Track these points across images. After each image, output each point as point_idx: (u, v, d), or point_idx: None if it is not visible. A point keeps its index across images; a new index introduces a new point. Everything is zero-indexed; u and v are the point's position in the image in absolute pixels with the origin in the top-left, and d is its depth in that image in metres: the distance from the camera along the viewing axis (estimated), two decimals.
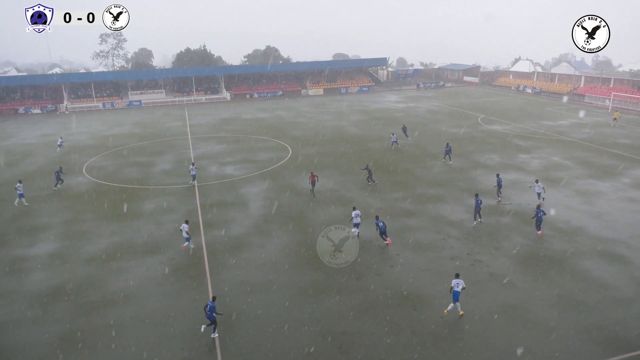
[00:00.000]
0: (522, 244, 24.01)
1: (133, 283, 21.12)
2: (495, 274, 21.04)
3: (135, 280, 21.40)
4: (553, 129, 52.82)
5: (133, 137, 54.50)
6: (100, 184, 36.22)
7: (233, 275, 21.65)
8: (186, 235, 24.04)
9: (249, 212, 29.55)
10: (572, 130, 52.41)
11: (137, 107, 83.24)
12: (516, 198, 30.45)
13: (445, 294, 19.20)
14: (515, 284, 20.20)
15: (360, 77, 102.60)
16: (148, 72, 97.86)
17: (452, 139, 46.82)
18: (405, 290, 20.00)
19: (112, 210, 30.26)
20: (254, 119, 65.08)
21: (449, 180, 34.53)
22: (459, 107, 71.53)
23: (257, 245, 24.69)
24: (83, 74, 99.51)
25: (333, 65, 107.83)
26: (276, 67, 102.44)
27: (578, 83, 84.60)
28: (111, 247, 24.81)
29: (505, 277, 20.74)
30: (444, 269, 21.67)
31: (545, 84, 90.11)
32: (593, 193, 31.30)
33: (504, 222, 26.85)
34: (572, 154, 41.67)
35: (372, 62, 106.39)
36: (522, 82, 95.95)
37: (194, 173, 34.79)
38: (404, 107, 74.15)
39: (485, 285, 20.23)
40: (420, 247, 23.91)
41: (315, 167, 38.55)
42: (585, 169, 36.76)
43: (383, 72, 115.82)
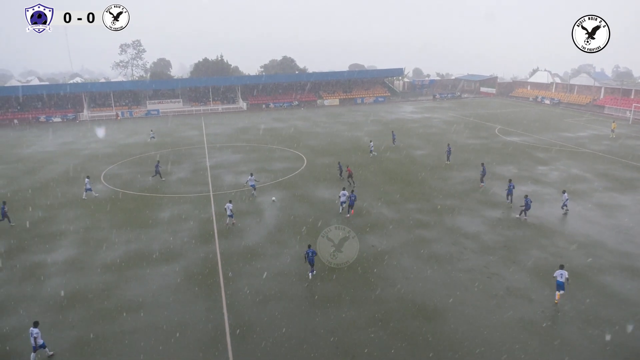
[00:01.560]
0: (540, 257, 23.62)
1: (148, 291, 21.27)
2: (512, 288, 20.72)
3: (151, 288, 21.54)
4: (572, 141, 52.12)
5: (150, 145, 55.21)
6: (118, 191, 36.69)
7: (247, 284, 21.66)
8: (230, 213, 28.24)
9: (263, 221, 29.63)
10: (592, 142, 51.64)
11: (155, 115, 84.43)
12: (534, 210, 30.01)
13: (462, 307, 18.98)
14: (534, 299, 19.84)
15: (376, 88, 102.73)
16: (166, 82, 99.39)
17: (469, 150, 46.49)
18: (420, 302, 19.78)
19: (129, 218, 30.59)
20: (269, 129, 65.48)
21: (465, 192, 34.23)
22: (476, 118, 71.08)
23: (272, 254, 24.71)
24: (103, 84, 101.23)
25: (349, 75, 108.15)
26: (292, 78, 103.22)
27: (598, 94, 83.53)
28: (127, 255, 25.05)
29: (523, 291, 20.41)
30: (460, 281, 21.41)
31: (564, 95, 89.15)
32: (614, 206, 30.73)
33: (521, 234, 26.47)
34: (592, 166, 41.03)
35: (388, 73, 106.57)
36: (540, 93, 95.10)
37: (253, 184, 34.42)
38: (420, 117, 73.94)
39: (503, 299, 19.92)
40: (436, 259, 23.68)
41: (331, 178, 38.58)
42: (605, 182, 36.14)
43: (399, 82, 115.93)
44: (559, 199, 31.72)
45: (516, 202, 31.14)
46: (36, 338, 16.56)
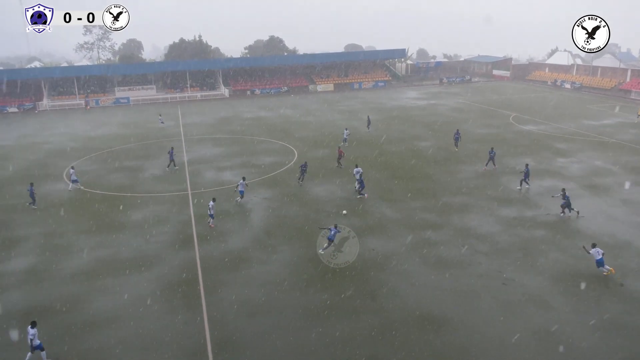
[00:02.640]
0: (560, 260, 23.79)
1: (119, 303, 21.19)
2: (529, 294, 20.85)
3: (122, 299, 21.47)
4: (595, 130, 52.44)
5: (120, 138, 54.94)
6: (83, 191, 36.51)
7: (231, 294, 21.66)
8: (210, 213, 28.45)
9: (250, 223, 29.61)
10: (618, 130, 51.99)
11: (124, 104, 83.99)
12: (554, 208, 30.20)
13: (473, 316, 19.16)
14: (553, 306, 19.99)
15: (375, 71, 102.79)
16: (137, 66, 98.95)
17: (480, 141, 46.66)
18: (426, 312, 19.87)
19: (96, 221, 30.45)
20: (255, 118, 65.37)
21: (476, 188, 34.38)
22: (488, 105, 71.31)
23: (259, 261, 24.71)
24: (65, 68, 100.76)
25: (345, 57, 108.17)
26: (281, 60, 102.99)
27: (623, 77, 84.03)
28: (95, 263, 24.94)
29: (541, 298, 20.56)
30: (471, 288, 21.52)
31: (586, 79, 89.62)
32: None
33: (539, 235, 26.64)
34: (618, 158, 41.31)
35: (389, 54, 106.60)
36: (560, 76, 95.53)
37: (242, 190, 32.53)
38: (425, 104, 74.08)
39: (519, 307, 20.05)
40: (444, 264, 23.78)
41: (325, 173, 38.62)
42: (632, 175, 36.40)
43: (401, 65, 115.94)
44: (579, 194, 31.99)
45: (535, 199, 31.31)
46: (32, 339, 17.15)
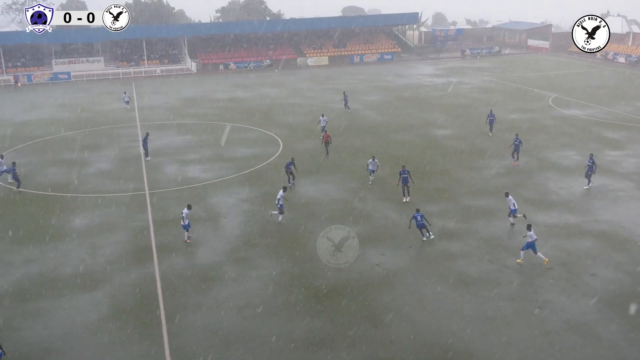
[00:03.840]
0: (611, 279, 23.94)
1: (58, 331, 21.09)
2: (572, 322, 20.97)
3: (61, 327, 21.36)
4: None
5: (58, 124, 54.62)
6: (11, 190, 36.33)
7: (198, 321, 21.61)
8: (184, 224, 27.94)
9: (222, 231, 29.63)
10: None
11: (64, 81, 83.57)
12: (603, 213, 30.41)
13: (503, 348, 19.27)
14: (603, 337, 20.11)
15: (381, 41, 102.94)
16: (80, 33, 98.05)
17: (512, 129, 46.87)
18: (444, 342, 19.93)
19: (28, 228, 30.31)
20: (229, 99, 65.30)
21: (507, 187, 34.47)
22: (522, 84, 71.63)
23: (233, 278, 24.70)
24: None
25: (342, 23, 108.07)
26: (262, 27, 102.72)
27: None
28: (27, 281, 24.81)
29: (587, 326, 20.69)
30: (500, 313, 21.62)
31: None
32: None
33: (585, 247, 26.81)
34: None
35: (397, 20, 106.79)
36: (612, 47, 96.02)
37: (281, 204, 30.39)
38: (443, 82, 74.29)
39: (560, 336, 20.15)
40: (466, 283, 23.88)
41: (319, 168, 38.65)
42: None
43: (413, 33, 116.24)
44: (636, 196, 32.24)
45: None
46: None
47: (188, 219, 28.09)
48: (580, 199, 32.68)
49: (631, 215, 30.16)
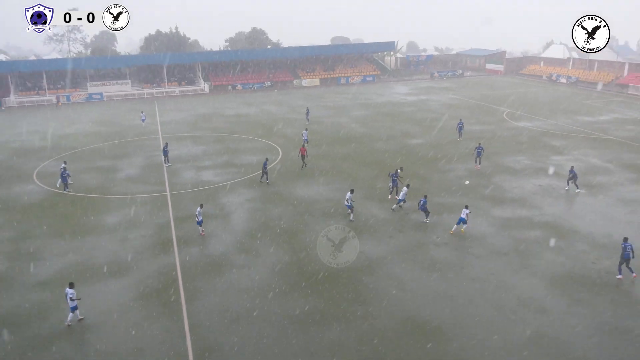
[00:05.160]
0: (555, 261, 24.13)
1: (93, 312, 21.07)
2: (524, 298, 21.14)
3: (97, 308, 21.34)
4: (592, 126, 53.18)
5: (92, 137, 54.47)
6: (54, 192, 36.20)
7: (213, 301, 21.66)
8: (198, 219, 27.75)
9: (232, 226, 29.60)
10: (615, 127, 52.77)
11: (97, 100, 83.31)
12: (548, 208, 30.63)
13: (466, 321, 19.38)
14: (548, 310, 20.29)
15: (363, 65, 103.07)
16: (111, 59, 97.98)
17: (473, 139, 47.08)
18: (418, 317, 20.06)
19: (68, 225, 30.23)
20: (237, 115, 65.24)
21: (469, 187, 34.70)
22: (481, 100, 71.94)
23: (241, 265, 24.74)
24: (33, 62, 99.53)
25: (331, 50, 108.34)
26: (264, 54, 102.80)
27: (621, 71, 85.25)
28: (67, 269, 24.77)
29: (536, 302, 20.86)
30: (464, 292, 21.76)
31: (582, 73, 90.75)
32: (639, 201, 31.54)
33: (533, 236, 27.00)
34: (615, 155, 41.97)
35: (377, 47, 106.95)
36: (555, 70, 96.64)
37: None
38: (415, 100, 74.54)
39: (513, 311, 20.31)
40: (436, 267, 24.01)
41: (312, 173, 38.71)
42: (630, 173, 37.01)
43: (391, 58, 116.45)
44: (575, 193, 32.53)
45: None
46: (72, 299, 19.74)
47: (201, 216, 28.03)
48: (530, 196, 32.85)
49: (571, 210, 30.44)
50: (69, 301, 19.86)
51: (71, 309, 19.93)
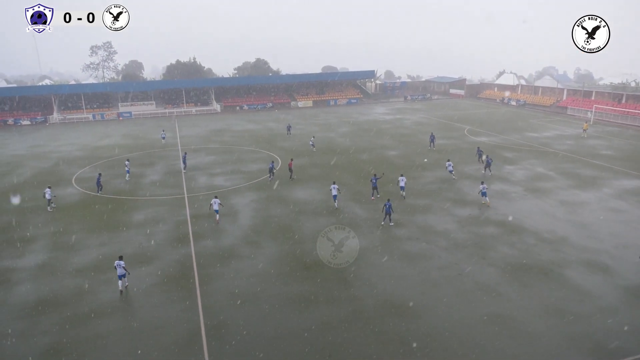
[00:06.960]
0: (508, 253, 24.16)
1: (122, 294, 20.87)
2: (481, 284, 21.13)
3: (125, 291, 21.13)
4: (537, 141, 53.50)
5: (122, 148, 54.12)
6: (90, 195, 35.85)
7: (222, 286, 21.48)
8: (216, 208, 28.64)
9: (239, 223, 29.43)
10: (556, 141, 53.13)
11: (127, 118, 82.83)
12: (502, 208, 30.72)
13: (434, 303, 19.33)
14: (502, 294, 20.29)
15: (348, 90, 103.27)
16: (138, 84, 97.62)
17: (440, 151, 47.24)
18: (394, 299, 19.99)
19: (101, 221, 29.95)
20: (243, 131, 65.07)
21: (435, 191, 34.75)
22: (446, 119, 72.22)
23: (247, 255, 24.57)
24: (73, 86, 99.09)
25: (322, 77, 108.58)
26: (266, 80, 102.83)
27: (561, 96, 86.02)
28: (100, 259, 24.50)
29: (492, 287, 20.86)
30: (432, 278, 21.73)
31: (529, 97, 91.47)
32: (577, 203, 31.68)
33: (490, 232, 27.03)
34: (556, 165, 42.20)
35: (360, 75, 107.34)
36: (507, 94, 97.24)
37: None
38: (392, 118, 74.69)
39: (473, 294, 20.30)
40: (409, 257, 23.96)
41: (306, 178, 38.63)
42: (569, 180, 37.23)
43: (371, 84, 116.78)
44: (524, 196, 32.68)
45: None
46: (123, 267, 20.49)
47: (217, 205, 28.76)
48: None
49: (520, 210, 30.51)
50: (119, 269, 20.46)
51: (119, 277, 20.57)
